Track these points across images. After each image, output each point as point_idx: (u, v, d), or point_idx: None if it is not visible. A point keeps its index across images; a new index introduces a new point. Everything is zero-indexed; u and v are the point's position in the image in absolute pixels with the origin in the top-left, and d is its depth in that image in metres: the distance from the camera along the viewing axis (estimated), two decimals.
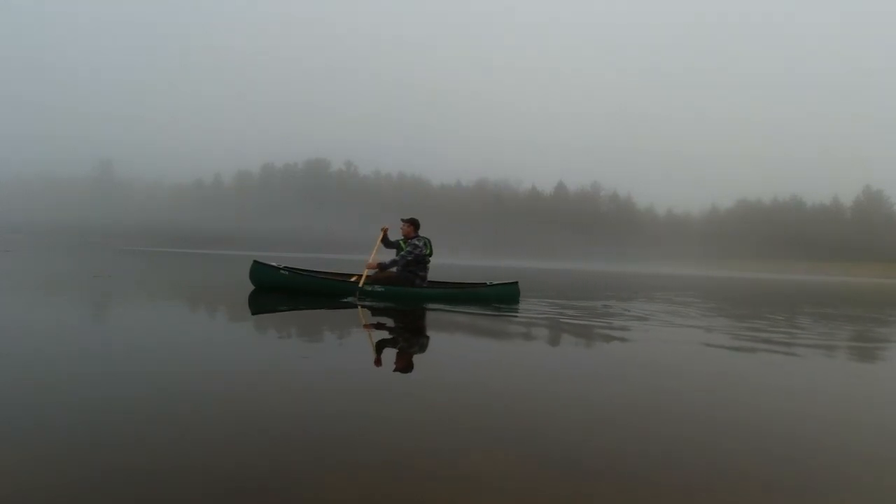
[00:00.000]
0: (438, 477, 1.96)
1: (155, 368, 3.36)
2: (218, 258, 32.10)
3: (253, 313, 6.57)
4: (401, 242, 8.52)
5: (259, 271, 8.64)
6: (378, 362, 3.88)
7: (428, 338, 5.36)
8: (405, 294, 8.14)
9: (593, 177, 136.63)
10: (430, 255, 8.50)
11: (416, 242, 8.35)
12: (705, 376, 4.13)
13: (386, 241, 8.57)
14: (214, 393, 2.92)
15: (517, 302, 8.50)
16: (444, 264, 38.88)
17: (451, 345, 5.01)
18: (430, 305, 7.69)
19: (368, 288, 8.08)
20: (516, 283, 8.89)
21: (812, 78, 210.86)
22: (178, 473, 1.87)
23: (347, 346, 4.58)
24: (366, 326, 5.74)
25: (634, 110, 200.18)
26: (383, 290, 8.06)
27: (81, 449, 2.06)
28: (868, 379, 4.49)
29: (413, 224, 8.52)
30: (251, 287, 8.78)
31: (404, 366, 3.86)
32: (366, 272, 8.15)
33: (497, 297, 8.59)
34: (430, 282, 8.72)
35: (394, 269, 8.29)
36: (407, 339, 5.13)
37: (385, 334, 5.37)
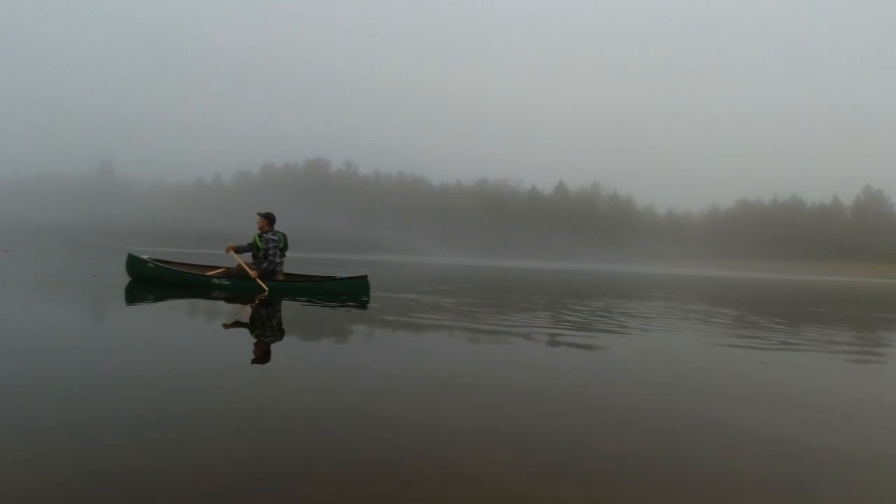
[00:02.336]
0: (434, 477, 1.96)
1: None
2: (215, 257, 32.11)
3: (128, 304, 7.02)
4: (256, 238, 8.71)
5: (132, 264, 9.01)
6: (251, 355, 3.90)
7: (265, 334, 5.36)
8: (257, 287, 8.34)
9: (593, 177, 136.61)
10: (285, 248, 8.78)
11: (272, 237, 8.62)
12: (702, 377, 4.14)
13: (241, 250, 8.66)
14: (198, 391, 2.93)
15: (367, 295, 8.62)
16: (438, 264, 38.81)
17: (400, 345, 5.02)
18: (286, 297, 7.91)
19: (216, 281, 8.45)
20: (365, 276, 9.04)
21: (813, 77, 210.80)
22: (172, 472, 1.87)
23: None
24: (232, 324, 5.71)
25: (634, 110, 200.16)
26: (230, 283, 8.42)
27: (78, 446, 2.07)
28: (866, 379, 4.50)
29: (268, 219, 8.77)
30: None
31: (262, 354, 3.90)
32: (259, 282, 8.36)
33: (347, 291, 8.75)
34: (286, 274, 8.95)
35: (266, 265, 8.58)
36: (260, 331, 5.21)
37: (243, 325, 5.53)
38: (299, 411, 2.67)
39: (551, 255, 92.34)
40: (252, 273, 8.42)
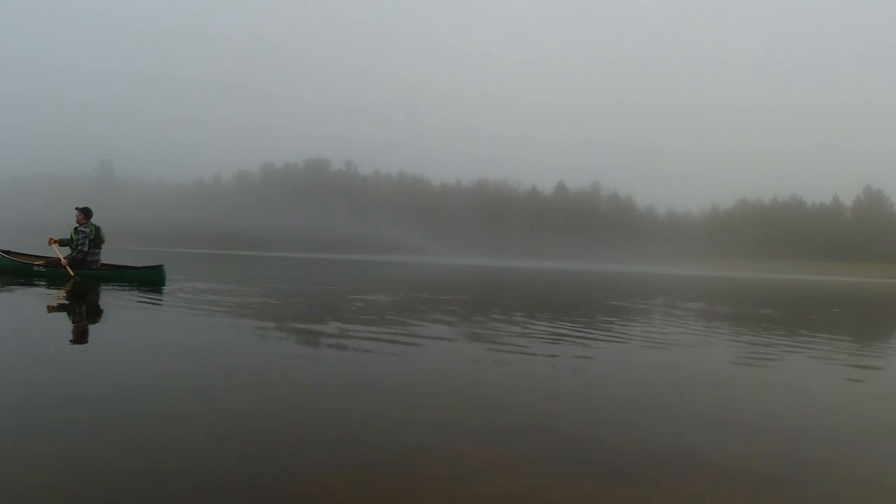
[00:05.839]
0: (435, 476, 1.96)
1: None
2: (213, 257, 32.10)
3: None
4: (73, 230, 9.73)
5: None
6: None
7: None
8: (65, 274, 9.42)
9: (593, 177, 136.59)
10: (98, 240, 9.75)
11: (84, 230, 9.62)
12: (701, 378, 4.13)
13: (62, 242, 9.75)
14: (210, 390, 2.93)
15: (162, 284, 9.35)
16: (436, 264, 38.74)
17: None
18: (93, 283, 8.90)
19: (37, 269, 9.69)
20: (161, 266, 9.83)
21: (814, 75, 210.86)
22: (174, 473, 1.87)
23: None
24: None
25: (634, 110, 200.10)
26: (47, 270, 9.60)
27: (76, 446, 2.06)
28: (865, 379, 4.50)
29: (85, 213, 9.80)
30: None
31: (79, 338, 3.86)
32: (68, 269, 9.41)
33: (141, 279, 9.66)
34: (103, 264, 9.99)
35: (75, 254, 9.62)
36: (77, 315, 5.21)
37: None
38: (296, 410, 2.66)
39: (551, 255, 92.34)
40: (63, 261, 9.48)
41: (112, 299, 7.29)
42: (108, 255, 10.52)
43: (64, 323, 5.34)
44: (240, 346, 4.42)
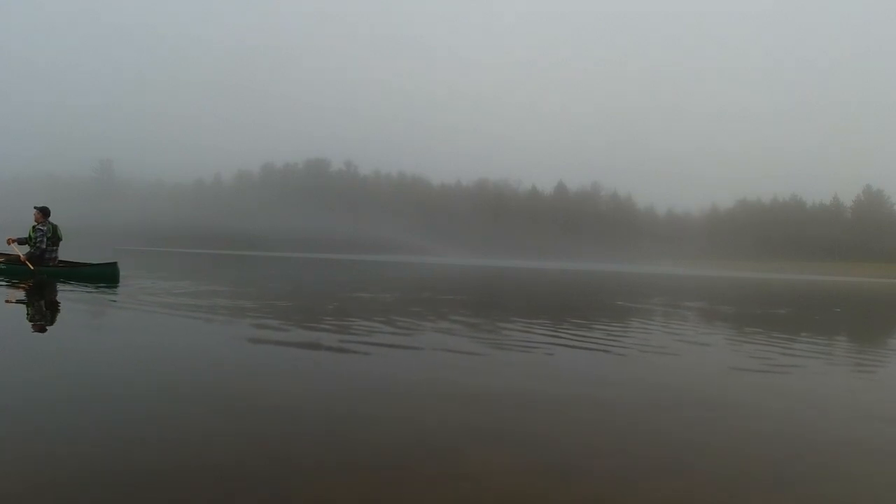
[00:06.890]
0: (435, 476, 1.96)
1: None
2: (213, 257, 32.14)
3: None
4: (31, 228, 10.09)
5: None
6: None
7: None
8: (24, 271, 9.76)
9: (593, 177, 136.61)
10: (55, 238, 10.11)
11: (42, 228, 9.99)
12: (702, 379, 4.12)
13: (21, 241, 10.09)
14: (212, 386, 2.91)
15: (116, 281, 9.59)
16: (434, 264, 38.76)
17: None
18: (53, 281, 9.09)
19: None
20: (115, 263, 10.09)
21: (813, 75, 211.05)
22: (174, 473, 1.87)
23: None
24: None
25: (633, 109, 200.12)
26: (6, 267, 9.98)
27: (76, 446, 2.05)
28: (867, 380, 4.48)
29: (43, 212, 10.15)
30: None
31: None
32: (28, 264, 9.73)
33: (97, 276, 9.87)
34: (62, 261, 10.33)
35: (33, 250, 10.01)
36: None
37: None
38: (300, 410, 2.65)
39: (552, 255, 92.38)
40: (22, 258, 9.85)
41: (74, 296, 7.34)
42: (97, 254, 10.55)
43: (33, 321, 5.33)
44: (237, 347, 4.40)
